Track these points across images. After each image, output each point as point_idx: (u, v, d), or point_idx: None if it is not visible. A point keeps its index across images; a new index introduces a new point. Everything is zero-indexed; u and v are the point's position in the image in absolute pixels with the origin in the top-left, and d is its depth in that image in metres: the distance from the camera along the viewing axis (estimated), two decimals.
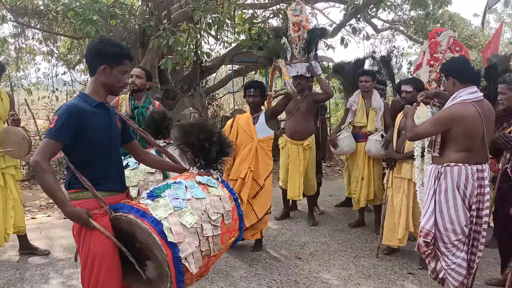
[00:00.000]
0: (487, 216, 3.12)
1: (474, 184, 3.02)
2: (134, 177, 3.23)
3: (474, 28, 13.17)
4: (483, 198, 3.04)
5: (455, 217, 3.05)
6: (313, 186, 5.19)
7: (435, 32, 4.45)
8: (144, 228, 2.06)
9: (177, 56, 7.53)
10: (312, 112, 5.09)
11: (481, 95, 3.08)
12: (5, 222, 3.86)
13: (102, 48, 2.19)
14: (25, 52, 10.96)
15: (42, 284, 3.50)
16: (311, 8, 10.65)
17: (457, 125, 3.00)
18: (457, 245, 3.08)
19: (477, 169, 3.03)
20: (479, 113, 2.97)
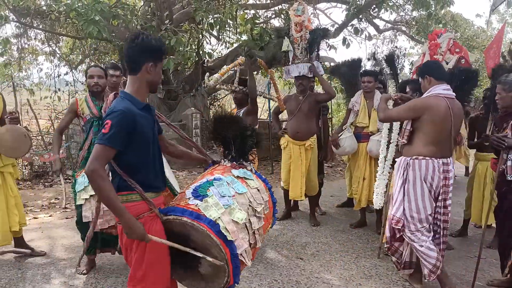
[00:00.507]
0: (450, 205, 3.39)
1: (440, 177, 3.29)
2: None
3: (476, 28, 13.15)
4: (448, 190, 3.32)
5: (421, 206, 3.31)
6: (315, 186, 5.19)
7: (435, 34, 4.45)
8: (201, 230, 2.10)
9: (179, 57, 7.55)
10: (314, 113, 5.08)
11: (453, 93, 3.33)
12: (10, 220, 3.87)
13: (147, 43, 2.09)
14: (28, 52, 11.00)
15: (43, 284, 3.50)
16: (313, 8, 10.65)
17: (427, 114, 3.24)
18: (423, 231, 3.33)
19: (442, 162, 3.29)
20: (449, 108, 3.22)
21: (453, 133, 3.29)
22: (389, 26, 11.74)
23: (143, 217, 2.11)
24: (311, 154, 5.03)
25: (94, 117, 3.59)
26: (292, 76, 5.06)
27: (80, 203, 3.28)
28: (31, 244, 4.22)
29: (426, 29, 9.99)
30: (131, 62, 2.12)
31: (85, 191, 3.25)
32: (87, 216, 3.25)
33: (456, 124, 3.32)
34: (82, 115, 3.64)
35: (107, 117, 2.03)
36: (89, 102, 3.65)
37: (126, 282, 3.28)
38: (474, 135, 4.67)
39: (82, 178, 3.30)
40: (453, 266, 4.05)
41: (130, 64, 2.13)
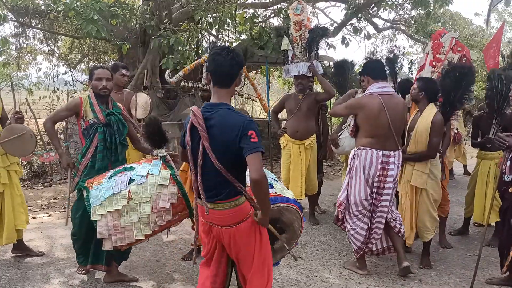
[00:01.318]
0: (389, 194, 3.66)
1: (377, 167, 3.59)
2: (145, 192, 3.00)
3: (475, 27, 13.16)
4: (385, 179, 3.62)
5: (358, 192, 3.66)
6: (314, 185, 5.19)
7: (439, 33, 4.47)
8: (293, 209, 2.76)
9: (178, 56, 7.54)
10: (313, 112, 5.08)
11: (390, 90, 3.63)
12: (16, 218, 3.88)
13: (241, 58, 2.28)
14: (26, 52, 10.99)
15: (43, 284, 3.50)
16: (312, 7, 10.65)
17: (361, 112, 3.60)
18: (357, 215, 3.71)
19: (382, 154, 3.59)
20: (382, 104, 3.50)
21: (394, 127, 3.53)
22: (388, 25, 11.74)
23: (251, 214, 2.32)
24: (310, 153, 5.02)
25: (99, 123, 3.32)
26: (291, 75, 5.06)
27: (96, 219, 2.96)
28: (30, 244, 4.22)
29: (425, 28, 9.99)
30: (232, 77, 2.26)
31: (102, 206, 2.95)
32: (103, 233, 2.96)
33: (396, 118, 3.55)
34: (84, 118, 3.34)
35: (248, 127, 2.14)
36: (94, 106, 3.35)
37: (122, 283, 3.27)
38: (478, 134, 4.67)
39: (97, 191, 3.01)
40: (452, 264, 4.06)
41: (230, 79, 2.26)
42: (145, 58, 8.69)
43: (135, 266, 3.90)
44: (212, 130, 2.18)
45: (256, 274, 2.34)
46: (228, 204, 2.25)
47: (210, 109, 2.24)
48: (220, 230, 2.32)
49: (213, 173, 2.21)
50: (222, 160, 2.17)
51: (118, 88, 4.64)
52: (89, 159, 3.29)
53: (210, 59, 2.25)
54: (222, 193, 2.24)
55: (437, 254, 4.31)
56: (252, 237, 2.32)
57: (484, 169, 4.53)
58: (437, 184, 3.90)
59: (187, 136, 2.28)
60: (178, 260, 4.04)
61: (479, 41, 11.74)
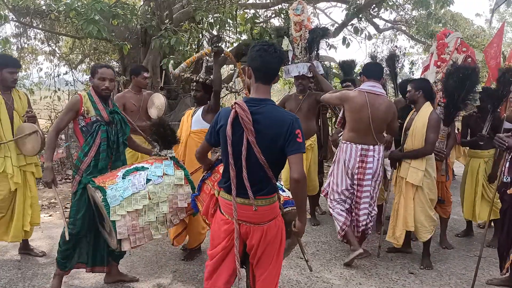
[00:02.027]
0: (368, 185, 3.97)
1: (356, 159, 3.92)
2: (162, 192, 3.05)
3: (476, 28, 13.14)
4: (364, 171, 3.92)
5: (338, 182, 4.05)
6: (315, 186, 5.19)
7: (443, 33, 4.48)
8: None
9: (179, 56, 7.54)
10: (313, 112, 5.07)
11: (379, 90, 3.87)
12: (24, 219, 3.91)
13: (282, 54, 2.30)
14: (27, 52, 11.00)
15: (44, 284, 3.50)
16: (313, 7, 10.65)
17: (347, 104, 3.93)
18: (338, 201, 4.06)
19: (362, 147, 3.92)
20: (366, 101, 3.80)
21: (373, 125, 3.82)
22: (389, 26, 11.72)
23: (279, 214, 2.37)
24: (311, 154, 5.02)
25: (102, 122, 3.24)
26: (292, 75, 5.06)
27: (115, 219, 2.90)
28: (31, 244, 4.22)
29: (426, 28, 9.97)
30: (272, 72, 2.25)
31: (121, 207, 2.91)
32: (123, 233, 2.92)
33: (377, 116, 3.82)
34: (86, 114, 3.24)
35: (296, 126, 2.16)
36: (97, 104, 3.26)
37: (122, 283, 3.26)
38: (467, 133, 4.71)
39: (113, 191, 2.95)
40: (452, 265, 4.06)
41: (273, 76, 2.26)
42: (146, 59, 8.69)
43: (136, 266, 3.90)
44: (258, 125, 2.16)
45: (269, 276, 2.35)
46: (267, 200, 2.27)
47: (255, 104, 2.21)
48: (251, 228, 2.29)
49: (255, 168, 2.20)
50: (266, 155, 2.17)
51: (138, 90, 4.75)
52: (92, 158, 3.20)
53: (255, 55, 2.21)
54: (264, 188, 2.24)
55: (438, 255, 4.31)
56: (278, 237, 2.35)
57: (474, 167, 4.61)
58: (433, 183, 3.92)
59: (228, 129, 2.19)
60: (179, 261, 4.04)
61: (480, 41, 11.71)
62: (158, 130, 3.30)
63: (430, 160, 3.91)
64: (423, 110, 3.87)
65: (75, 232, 3.19)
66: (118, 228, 2.90)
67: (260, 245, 2.31)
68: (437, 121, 3.82)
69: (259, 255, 2.34)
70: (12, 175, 3.77)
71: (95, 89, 3.29)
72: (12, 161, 3.78)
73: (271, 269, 2.35)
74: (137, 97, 4.69)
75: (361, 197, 3.99)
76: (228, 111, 2.24)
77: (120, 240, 2.94)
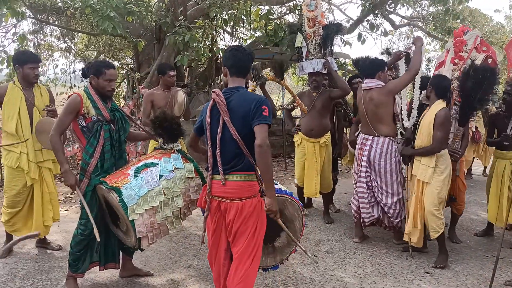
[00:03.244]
0: (363, 171, 4.32)
1: (358, 146, 4.40)
2: (175, 187, 3.06)
3: (495, 24, 12.88)
4: (361, 157, 4.33)
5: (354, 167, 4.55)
6: (329, 183, 5.15)
7: (462, 30, 4.38)
8: (296, 205, 2.79)
9: (193, 53, 7.55)
10: (328, 109, 5.03)
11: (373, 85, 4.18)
12: (44, 214, 3.97)
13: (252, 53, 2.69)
14: (44, 48, 11.14)
15: (60, 277, 3.54)
16: (328, 3, 10.56)
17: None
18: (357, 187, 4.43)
19: (364, 137, 4.35)
20: (361, 96, 4.29)
21: (368, 117, 4.24)
22: (405, 22, 11.57)
23: (258, 197, 2.54)
24: (325, 151, 4.98)
25: (104, 121, 3.17)
26: (306, 72, 5.01)
27: (134, 218, 2.89)
28: (48, 238, 4.28)
29: (443, 24, 9.82)
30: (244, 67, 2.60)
31: (139, 205, 2.90)
32: (142, 231, 2.92)
33: (368, 109, 4.21)
34: (86, 115, 3.14)
35: (263, 103, 2.45)
36: (97, 103, 3.17)
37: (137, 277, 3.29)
38: (494, 132, 4.58)
39: (129, 191, 2.92)
40: (469, 265, 3.99)
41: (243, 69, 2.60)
42: (160, 55, 8.74)
43: (150, 261, 3.93)
44: (231, 106, 2.48)
45: (243, 255, 2.48)
46: (243, 177, 2.50)
47: (229, 91, 2.55)
48: (228, 204, 2.51)
49: (230, 145, 2.47)
50: (239, 133, 2.43)
51: (166, 87, 4.80)
52: (98, 159, 3.14)
53: (229, 55, 2.59)
54: (238, 164, 2.49)
55: (455, 254, 4.24)
56: (254, 217, 2.51)
57: (500, 168, 4.42)
58: (443, 181, 3.81)
59: (207, 116, 2.53)
60: (192, 256, 4.06)
61: (499, 38, 11.48)
62: (162, 123, 3.24)
63: (442, 157, 3.82)
64: (433, 107, 3.83)
65: (87, 233, 3.15)
66: (137, 227, 2.89)
67: (235, 221, 2.50)
68: (444, 119, 3.72)
69: (234, 230, 2.52)
70: (28, 171, 3.81)
71: (100, 90, 3.18)
72: (29, 157, 3.84)
73: (245, 247, 2.49)
74: (165, 94, 4.75)
75: (357, 183, 4.40)
76: (208, 103, 2.60)
77: (139, 238, 2.95)
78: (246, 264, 2.49)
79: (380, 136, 4.21)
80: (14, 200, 3.87)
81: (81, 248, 3.19)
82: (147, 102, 4.70)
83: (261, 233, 2.57)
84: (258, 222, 2.53)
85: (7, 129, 3.80)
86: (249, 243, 2.50)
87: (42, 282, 3.46)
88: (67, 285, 3.28)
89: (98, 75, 3.16)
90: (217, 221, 2.58)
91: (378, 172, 4.25)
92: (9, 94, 3.81)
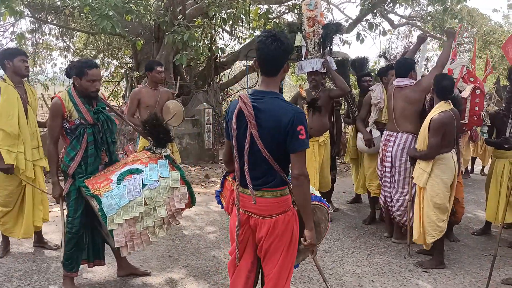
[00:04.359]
0: (387, 167, 4.36)
1: (382, 143, 4.43)
2: (158, 196, 3.02)
3: (493, 23, 12.89)
4: (385, 153, 4.37)
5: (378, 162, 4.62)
6: (328, 182, 5.15)
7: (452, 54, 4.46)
8: (324, 209, 2.69)
9: (192, 52, 7.55)
10: (327, 108, 5.02)
11: (406, 83, 4.24)
12: (34, 214, 3.95)
13: (290, 44, 2.18)
14: (42, 47, 11.14)
15: (57, 277, 3.53)
16: (326, 3, 10.56)
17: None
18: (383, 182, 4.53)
19: (388, 133, 4.39)
20: (392, 94, 4.36)
21: (395, 114, 4.31)
22: (404, 21, 11.57)
23: (291, 209, 2.28)
24: (324, 150, 4.98)
25: (87, 124, 3.08)
26: (305, 71, 5.01)
27: (113, 228, 2.87)
28: (45, 237, 4.27)
29: (441, 24, 9.83)
30: (273, 64, 2.16)
31: (119, 215, 2.87)
32: (120, 241, 2.90)
33: (394, 106, 4.30)
34: (69, 118, 3.06)
35: (299, 121, 2.11)
36: (79, 106, 3.06)
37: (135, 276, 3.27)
38: (493, 131, 4.58)
39: (109, 199, 2.88)
40: (467, 264, 4.00)
41: (272, 68, 2.17)
42: (159, 54, 8.74)
43: (148, 260, 3.93)
44: (261, 118, 2.11)
45: (279, 273, 2.28)
46: (274, 193, 2.21)
47: (259, 97, 2.16)
48: (259, 220, 2.25)
49: (260, 161, 2.16)
50: (270, 149, 2.12)
51: (154, 85, 4.72)
52: (78, 162, 3.07)
53: (257, 47, 2.16)
54: (270, 181, 2.20)
55: (452, 253, 4.25)
56: (288, 232, 2.26)
57: (499, 168, 4.42)
58: (439, 187, 3.74)
59: (233, 123, 2.17)
60: (191, 256, 4.06)
61: (497, 37, 11.50)
62: (151, 128, 3.19)
63: (440, 161, 3.74)
64: (433, 110, 3.78)
65: (74, 231, 3.13)
66: (115, 236, 2.88)
67: (267, 238, 2.25)
68: (438, 124, 3.64)
69: (265, 248, 2.28)
70: (24, 170, 3.78)
71: (83, 91, 3.07)
72: (26, 156, 3.79)
73: (280, 265, 2.27)
74: (153, 93, 4.66)
75: (382, 178, 4.51)
76: (235, 104, 2.20)
77: (119, 247, 2.94)
78: (282, 280, 2.28)
79: (404, 133, 4.24)
80: (6, 200, 3.84)
81: (72, 247, 3.16)
82: (133, 100, 4.60)
83: (294, 249, 2.33)
84: (292, 237, 2.29)
85: (7, 129, 3.66)
86: (283, 262, 2.28)
87: (40, 282, 3.45)
88: (64, 285, 3.28)
89: (81, 75, 3.03)
90: (245, 233, 2.33)
91: (398, 167, 4.26)
92: (5, 93, 3.68)
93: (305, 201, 2.18)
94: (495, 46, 11.64)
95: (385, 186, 4.46)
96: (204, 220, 5.17)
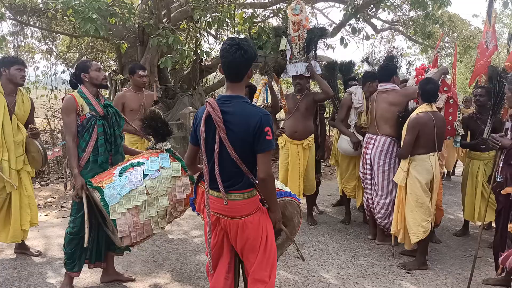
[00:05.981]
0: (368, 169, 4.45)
1: (364, 146, 4.54)
2: (160, 186, 3.05)
3: (473, 29, 13.18)
4: (365, 155, 4.45)
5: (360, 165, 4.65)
6: (312, 185, 5.19)
7: (422, 68, 4.62)
8: (295, 203, 2.83)
9: (177, 55, 7.53)
10: (311, 112, 5.06)
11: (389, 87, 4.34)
12: (22, 218, 3.90)
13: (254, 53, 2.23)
14: (24, 50, 10.96)
15: (39, 283, 3.48)
16: (311, 7, 10.66)
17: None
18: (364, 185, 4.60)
19: (369, 136, 4.48)
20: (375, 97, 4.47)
21: (376, 117, 4.38)
22: (386, 26, 11.76)
23: (259, 208, 2.36)
24: (309, 153, 5.02)
25: (98, 116, 3.22)
26: (290, 75, 5.05)
27: (115, 217, 2.91)
28: (27, 243, 4.20)
29: (423, 29, 10.01)
30: (236, 71, 2.23)
31: (121, 205, 2.92)
32: (124, 231, 2.94)
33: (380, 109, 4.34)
34: (81, 112, 3.20)
35: (266, 123, 2.17)
36: (90, 99, 3.23)
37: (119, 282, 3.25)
38: (467, 134, 4.70)
39: (111, 190, 2.95)
40: (449, 264, 4.07)
41: (237, 75, 2.24)
42: (144, 57, 8.68)
43: (132, 265, 3.89)
44: (229, 121, 2.17)
45: (258, 270, 2.34)
46: (242, 195, 2.28)
47: (226, 101, 2.22)
48: (228, 221, 2.32)
49: (228, 164, 2.22)
50: (238, 151, 2.18)
51: (138, 89, 4.75)
52: (90, 153, 3.18)
53: (220, 55, 2.23)
54: (237, 183, 2.26)
55: (435, 254, 4.31)
56: (259, 232, 2.33)
57: (474, 169, 4.56)
58: (416, 186, 3.83)
59: (202, 128, 2.22)
60: (175, 260, 4.04)
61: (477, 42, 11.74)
62: (150, 123, 3.30)
63: (415, 162, 3.85)
64: (414, 111, 3.90)
65: (76, 231, 3.20)
66: (119, 226, 2.91)
67: (238, 239, 2.34)
68: (413, 122, 3.78)
69: (240, 248, 2.37)
70: (9, 178, 3.74)
71: (94, 82, 3.24)
72: (11, 164, 3.76)
73: (259, 262, 2.34)
74: (137, 96, 4.69)
75: (364, 181, 4.59)
76: (203, 110, 2.26)
77: (122, 237, 2.96)
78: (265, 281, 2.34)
79: (383, 136, 4.31)
80: None
81: (73, 247, 3.22)
82: (117, 104, 4.56)
83: (272, 246, 2.39)
84: (267, 237, 2.35)
85: None
86: (262, 258, 2.34)
87: None
88: (62, 283, 3.31)
89: (87, 70, 3.24)
90: (217, 235, 2.40)
91: (376, 170, 4.33)
92: None
93: (271, 195, 2.34)
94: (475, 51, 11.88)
95: (367, 188, 4.53)
96: (189, 224, 5.15)
